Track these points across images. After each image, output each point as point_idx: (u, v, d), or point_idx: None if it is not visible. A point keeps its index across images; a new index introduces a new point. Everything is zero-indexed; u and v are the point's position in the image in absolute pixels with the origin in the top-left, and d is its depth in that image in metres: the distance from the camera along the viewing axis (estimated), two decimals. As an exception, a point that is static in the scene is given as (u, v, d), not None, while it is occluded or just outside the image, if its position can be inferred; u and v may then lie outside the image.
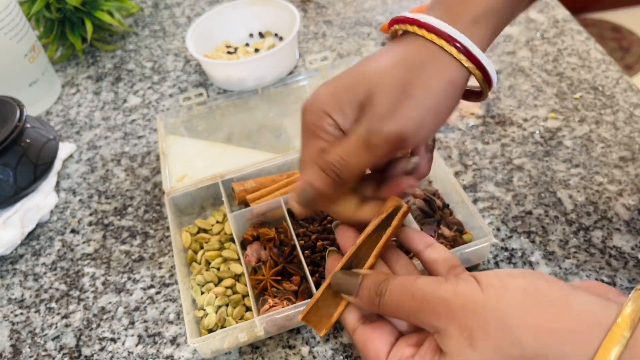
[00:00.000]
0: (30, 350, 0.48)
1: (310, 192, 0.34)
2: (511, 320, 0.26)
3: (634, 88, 0.62)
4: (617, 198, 0.52)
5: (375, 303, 0.32)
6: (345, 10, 0.82)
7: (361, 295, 0.32)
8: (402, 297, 0.30)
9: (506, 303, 0.27)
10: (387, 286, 0.31)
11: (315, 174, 0.34)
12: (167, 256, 0.54)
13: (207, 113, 0.65)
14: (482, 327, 0.27)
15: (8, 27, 0.65)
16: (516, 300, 0.27)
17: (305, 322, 0.34)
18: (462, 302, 0.28)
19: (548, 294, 0.27)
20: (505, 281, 0.28)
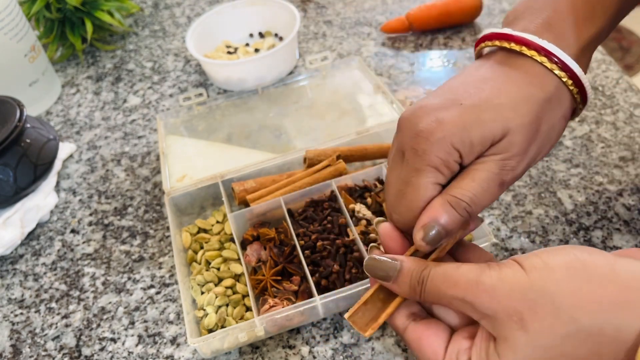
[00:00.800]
0: (30, 350, 0.48)
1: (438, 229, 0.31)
2: (560, 299, 0.26)
3: (634, 88, 0.62)
4: (617, 198, 0.52)
5: (417, 291, 0.31)
6: (345, 10, 0.82)
7: (401, 282, 0.31)
8: (445, 285, 0.30)
9: (552, 282, 0.27)
10: (428, 273, 0.30)
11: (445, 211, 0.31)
12: (167, 256, 0.54)
13: (207, 113, 0.65)
14: (532, 310, 0.27)
15: (8, 27, 0.65)
16: (562, 278, 0.27)
17: (351, 322, 0.33)
18: (508, 287, 0.28)
19: (593, 266, 0.27)
20: (547, 261, 0.28)
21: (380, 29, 0.77)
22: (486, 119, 0.31)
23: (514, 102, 0.32)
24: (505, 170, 0.32)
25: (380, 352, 0.44)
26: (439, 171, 0.32)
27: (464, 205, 0.31)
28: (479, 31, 0.74)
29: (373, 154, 0.56)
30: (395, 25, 0.75)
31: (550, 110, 0.33)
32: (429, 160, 0.31)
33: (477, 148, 0.31)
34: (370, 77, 0.64)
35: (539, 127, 0.32)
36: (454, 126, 0.31)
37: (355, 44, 0.76)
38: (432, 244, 0.31)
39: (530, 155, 0.33)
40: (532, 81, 0.33)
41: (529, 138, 0.32)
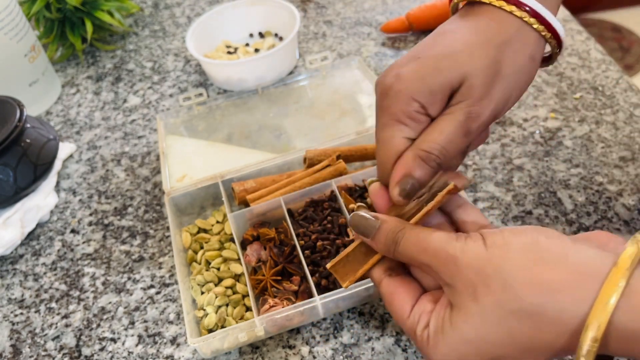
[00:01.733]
0: (30, 350, 0.48)
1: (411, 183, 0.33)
2: (511, 277, 0.27)
3: (634, 88, 0.62)
4: (617, 198, 0.52)
5: (391, 250, 0.32)
6: (345, 10, 0.82)
7: (377, 240, 0.33)
8: (416, 249, 0.31)
9: (507, 260, 0.28)
10: (403, 235, 0.32)
11: (416, 165, 0.33)
12: (167, 256, 0.54)
13: (207, 113, 0.65)
14: (485, 284, 0.28)
15: (8, 27, 0.65)
16: (517, 258, 0.28)
17: (332, 272, 0.35)
18: (468, 260, 0.29)
19: (547, 248, 0.28)
20: (508, 240, 0.29)
21: (380, 29, 0.77)
22: (442, 67, 0.32)
23: (470, 48, 0.32)
24: (470, 118, 0.32)
25: (380, 352, 0.44)
26: (403, 124, 0.33)
27: (433, 157, 0.32)
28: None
29: (373, 154, 0.56)
30: (395, 25, 0.75)
31: (512, 52, 0.33)
32: (392, 114, 0.33)
33: (438, 96, 0.32)
34: (370, 77, 0.64)
35: (500, 69, 0.32)
36: (412, 78, 0.32)
37: (355, 44, 0.76)
38: (409, 197, 0.33)
39: (496, 98, 0.33)
40: (490, 26, 0.33)
41: (488, 81, 0.32)
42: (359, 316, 0.46)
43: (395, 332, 0.45)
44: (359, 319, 0.46)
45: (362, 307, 0.47)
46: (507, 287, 0.27)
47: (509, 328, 0.28)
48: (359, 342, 0.45)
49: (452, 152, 0.33)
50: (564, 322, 0.26)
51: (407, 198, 0.33)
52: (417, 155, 0.33)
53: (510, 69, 0.33)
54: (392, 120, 0.33)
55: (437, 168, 0.33)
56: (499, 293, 0.28)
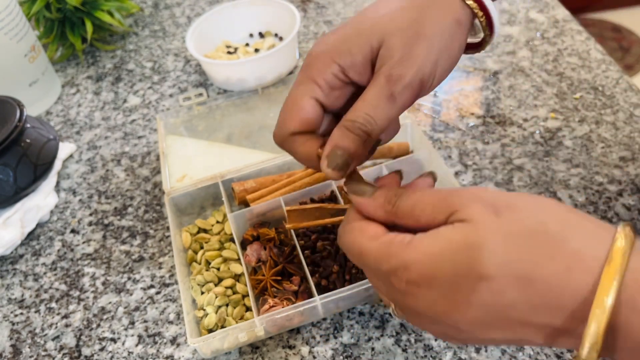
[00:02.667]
0: (30, 350, 0.48)
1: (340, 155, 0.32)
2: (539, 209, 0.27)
3: (634, 88, 0.62)
4: (617, 198, 0.52)
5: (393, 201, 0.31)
6: (345, 10, 0.82)
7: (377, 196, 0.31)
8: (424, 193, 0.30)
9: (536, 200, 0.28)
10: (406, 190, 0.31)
11: (343, 135, 0.32)
12: (167, 256, 0.54)
13: (207, 113, 0.65)
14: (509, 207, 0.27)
15: (8, 27, 0.65)
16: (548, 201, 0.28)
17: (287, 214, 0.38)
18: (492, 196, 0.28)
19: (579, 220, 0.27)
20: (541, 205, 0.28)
21: None
22: (363, 29, 0.33)
23: (391, 12, 0.33)
24: (391, 80, 0.31)
25: (380, 352, 0.44)
26: (316, 84, 0.33)
27: (358, 125, 0.32)
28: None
29: (373, 154, 0.56)
30: (395, 25, 0.75)
31: (435, 13, 0.33)
32: (309, 73, 0.33)
33: (358, 58, 0.32)
34: (370, 77, 0.64)
35: (421, 29, 0.32)
36: (334, 41, 0.33)
37: (355, 44, 0.76)
38: (340, 168, 0.32)
39: (419, 59, 0.32)
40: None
41: (408, 41, 0.32)
42: (359, 316, 0.46)
43: (395, 332, 0.45)
44: (359, 319, 0.46)
45: (362, 307, 0.47)
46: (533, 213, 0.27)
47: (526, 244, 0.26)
48: (359, 342, 0.45)
49: (378, 118, 0.32)
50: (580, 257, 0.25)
51: (338, 170, 0.32)
52: (341, 125, 0.32)
53: (433, 29, 0.32)
54: (307, 79, 0.33)
55: (365, 136, 0.32)
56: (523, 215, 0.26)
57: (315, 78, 0.33)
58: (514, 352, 0.42)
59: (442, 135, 0.61)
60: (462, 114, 0.63)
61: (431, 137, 0.61)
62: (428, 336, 0.44)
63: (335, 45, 0.33)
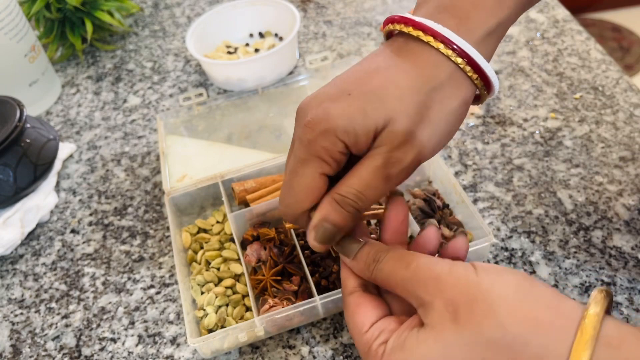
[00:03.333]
0: (30, 350, 0.48)
1: (329, 228, 0.32)
2: (498, 305, 0.27)
3: (634, 88, 0.62)
4: (617, 198, 0.52)
5: (371, 268, 0.32)
6: (345, 10, 0.82)
7: (358, 259, 0.33)
8: (396, 265, 0.31)
9: (497, 289, 0.27)
10: (385, 255, 0.32)
11: (332, 209, 0.32)
12: (167, 256, 0.54)
13: (207, 113, 0.65)
14: (469, 306, 0.27)
15: (8, 27, 0.65)
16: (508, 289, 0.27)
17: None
18: (454, 281, 0.28)
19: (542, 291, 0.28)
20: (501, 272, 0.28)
21: (380, 29, 0.77)
22: (370, 109, 0.31)
23: (399, 92, 0.31)
24: (390, 163, 0.31)
25: (380, 352, 0.44)
26: (324, 161, 0.32)
27: (349, 202, 0.32)
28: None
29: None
30: (395, 25, 0.75)
31: (443, 97, 0.32)
32: (314, 150, 0.32)
33: (362, 139, 0.31)
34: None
35: (427, 115, 0.31)
36: (339, 117, 0.31)
37: (355, 44, 0.76)
38: (326, 242, 0.33)
39: (421, 144, 0.32)
40: (424, 69, 0.32)
41: (412, 126, 0.31)
42: (359, 316, 0.46)
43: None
44: (359, 319, 0.46)
45: (362, 307, 0.47)
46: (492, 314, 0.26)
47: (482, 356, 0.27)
48: (359, 342, 0.45)
49: (371, 197, 0.32)
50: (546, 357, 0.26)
51: (323, 243, 0.33)
52: (333, 198, 0.32)
53: (439, 115, 0.32)
54: (314, 156, 0.32)
55: (354, 213, 0.32)
56: (482, 318, 0.27)
57: (323, 156, 0.32)
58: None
59: (442, 135, 0.61)
60: (462, 114, 0.63)
61: (431, 137, 0.61)
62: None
63: (342, 123, 0.31)
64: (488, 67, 0.32)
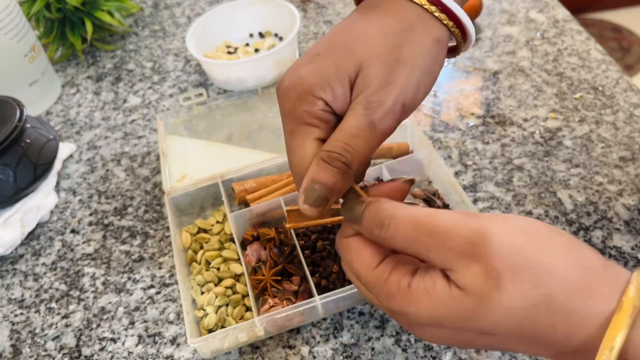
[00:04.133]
0: (30, 350, 0.48)
1: (318, 189, 0.30)
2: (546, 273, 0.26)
3: (634, 88, 0.62)
4: (617, 198, 0.52)
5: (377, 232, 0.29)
6: (345, 11, 0.82)
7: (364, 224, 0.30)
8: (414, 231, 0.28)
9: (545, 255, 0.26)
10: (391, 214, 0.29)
11: (320, 168, 0.30)
12: (167, 256, 0.54)
13: (207, 113, 0.65)
14: (514, 273, 0.26)
15: (8, 27, 0.65)
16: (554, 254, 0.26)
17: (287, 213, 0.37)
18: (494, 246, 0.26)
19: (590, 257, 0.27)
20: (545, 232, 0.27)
21: None
22: (340, 60, 0.31)
23: (367, 39, 0.31)
24: (371, 108, 0.30)
25: (380, 352, 0.44)
26: (311, 125, 0.31)
27: (336, 156, 0.30)
28: (479, 31, 0.74)
29: (373, 154, 0.56)
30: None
31: (413, 37, 0.31)
32: (297, 117, 0.31)
33: (339, 91, 0.30)
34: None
35: (400, 55, 0.31)
36: (310, 76, 0.31)
37: (355, 44, 0.76)
38: (318, 205, 0.30)
39: (400, 85, 0.30)
40: (389, 15, 0.32)
41: (386, 68, 0.30)
42: (359, 316, 0.46)
43: (395, 332, 0.45)
44: (359, 319, 0.46)
45: (362, 307, 0.47)
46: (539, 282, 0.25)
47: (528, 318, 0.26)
48: (359, 342, 0.45)
49: (359, 149, 0.30)
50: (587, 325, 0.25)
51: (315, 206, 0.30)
52: (319, 157, 0.30)
53: (413, 53, 0.31)
54: (299, 124, 0.31)
55: (344, 168, 0.30)
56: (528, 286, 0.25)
57: (308, 120, 0.31)
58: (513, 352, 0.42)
59: (442, 135, 0.61)
60: (462, 114, 0.63)
61: (431, 137, 0.61)
62: (428, 336, 0.44)
63: (313, 81, 0.31)
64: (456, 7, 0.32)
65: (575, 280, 0.26)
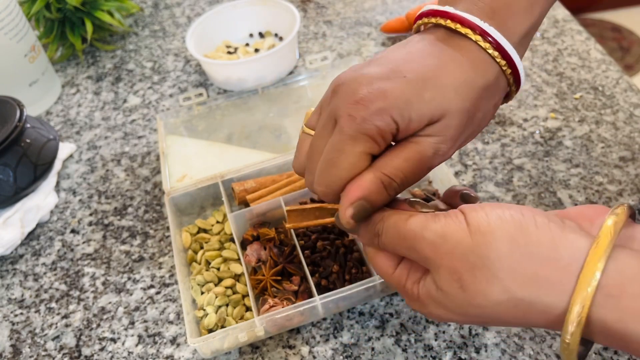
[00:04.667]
0: (30, 350, 0.48)
1: (366, 207, 0.31)
2: (498, 269, 0.27)
3: (634, 88, 0.62)
4: (617, 198, 0.52)
5: (375, 243, 0.32)
6: (345, 10, 0.82)
7: (362, 236, 0.33)
8: (396, 237, 0.31)
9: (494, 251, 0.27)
10: (382, 226, 0.32)
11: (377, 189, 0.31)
12: (167, 256, 0.54)
13: (207, 113, 0.65)
14: (471, 273, 0.28)
15: (8, 27, 0.65)
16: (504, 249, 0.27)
17: (287, 213, 0.38)
18: (450, 247, 0.28)
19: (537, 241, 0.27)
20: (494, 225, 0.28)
21: (380, 29, 0.77)
22: (427, 96, 0.31)
23: (456, 85, 0.31)
24: (438, 154, 0.32)
25: (380, 352, 0.44)
26: (374, 141, 0.31)
27: (394, 185, 0.31)
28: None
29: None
30: (395, 25, 0.75)
31: (487, 97, 0.33)
32: (367, 128, 0.30)
33: (414, 124, 0.31)
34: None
35: (475, 114, 0.32)
36: (396, 98, 0.30)
37: (355, 44, 0.76)
38: (359, 219, 0.32)
39: (461, 141, 0.33)
40: (475, 66, 0.32)
41: (464, 123, 0.32)
42: (359, 316, 0.46)
43: (395, 332, 0.45)
44: (359, 319, 0.46)
45: (362, 307, 0.47)
46: (494, 279, 0.27)
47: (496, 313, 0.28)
48: (359, 342, 0.45)
49: (410, 183, 0.32)
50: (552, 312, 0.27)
51: (357, 221, 0.32)
52: (379, 179, 0.31)
53: (480, 115, 0.33)
54: (365, 135, 0.31)
55: (393, 196, 0.32)
56: (485, 284, 0.27)
57: (375, 136, 0.31)
58: (513, 352, 0.42)
59: (442, 135, 0.61)
60: (462, 114, 0.63)
61: (431, 137, 0.61)
62: (428, 336, 0.44)
63: (396, 104, 0.30)
64: (523, 73, 0.33)
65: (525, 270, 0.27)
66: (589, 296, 0.25)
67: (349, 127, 0.31)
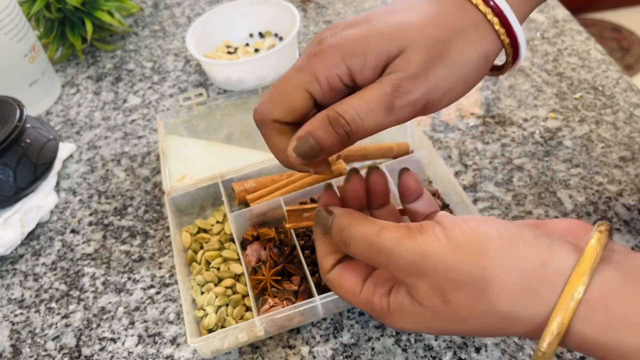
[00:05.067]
0: (30, 350, 0.48)
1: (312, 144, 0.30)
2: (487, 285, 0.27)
3: (634, 88, 0.62)
4: (617, 198, 0.52)
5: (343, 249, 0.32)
6: (345, 10, 0.82)
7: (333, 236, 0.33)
8: (367, 250, 0.30)
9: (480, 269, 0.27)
10: (349, 235, 0.31)
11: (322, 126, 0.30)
12: (167, 256, 0.54)
13: (207, 113, 0.65)
14: (456, 288, 0.28)
15: (8, 27, 0.65)
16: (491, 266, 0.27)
17: (287, 213, 0.38)
18: (431, 266, 0.28)
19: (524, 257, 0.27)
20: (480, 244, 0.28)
21: None
22: (387, 33, 0.30)
23: (421, 23, 0.30)
24: (397, 92, 0.29)
25: (380, 352, 0.44)
26: (317, 79, 0.30)
27: (342, 122, 0.30)
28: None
29: (373, 154, 0.56)
30: (395, 25, 0.74)
31: (464, 42, 0.30)
32: (313, 64, 0.30)
33: (371, 62, 0.30)
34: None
35: (445, 54, 0.30)
36: (352, 38, 0.30)
37: (355, 44, 0.76)
38: (304, 157, 0.31)
39: (433, 81, 0.30)
40: (450, 10, 0.31)
41: (428, 59, 0.29)
42: (359, 316, 0.46)
43: (395, 332, 0.45)
44: (359, 319, 0.46)
45: (362, 307, 0.47)
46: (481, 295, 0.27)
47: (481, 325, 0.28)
48: (359, 342, 0.45)
49: (366, 125, 0.30)
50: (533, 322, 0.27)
51: (302, 157, 0.31)
52: (326, 115, 0.30)
53: (458, 57, 0.30)
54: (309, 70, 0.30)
55: (344, 136, 0.30)
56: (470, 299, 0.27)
57: (318, 73, 0.30)
58: (513, 352, 0.42)
59: (442, 135, 0.61)
60: (462, 114, 0.63)
61: (431, 137, 0.61)
62: (428, 336, 0.44)
63: (350, 44, 0.30)
64: (517, 24, 0.31)
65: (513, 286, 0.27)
66: (570, 309, 0.26)
67: (300, 60, 0.31)
